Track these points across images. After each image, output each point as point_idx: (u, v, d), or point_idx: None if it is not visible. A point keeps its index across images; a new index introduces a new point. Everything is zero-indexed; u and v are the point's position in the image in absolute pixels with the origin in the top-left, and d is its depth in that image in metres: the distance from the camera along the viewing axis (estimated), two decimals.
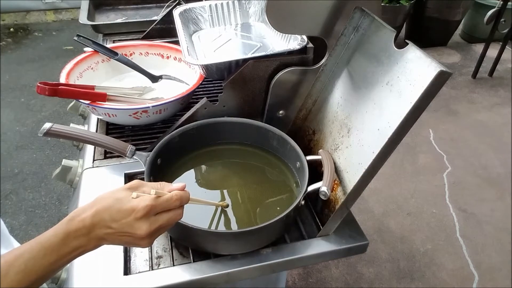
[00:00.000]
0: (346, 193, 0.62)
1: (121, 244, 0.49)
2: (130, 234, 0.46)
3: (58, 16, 3.91)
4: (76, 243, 0.45)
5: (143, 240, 0.47)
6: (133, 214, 0.46)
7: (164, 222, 0.48)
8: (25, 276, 0.43)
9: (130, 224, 0.46)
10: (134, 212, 0.46)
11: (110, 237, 0.46)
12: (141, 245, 0.48)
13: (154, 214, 0.47)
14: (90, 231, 0.46)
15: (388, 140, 0.55)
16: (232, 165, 0.79)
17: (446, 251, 1.69)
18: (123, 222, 0.46)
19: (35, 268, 0.43)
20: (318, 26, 0.71)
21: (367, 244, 0.67)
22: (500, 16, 2.70)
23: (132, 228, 0.46)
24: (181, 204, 0.50)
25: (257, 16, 1.09)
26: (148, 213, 0.46)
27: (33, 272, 0.43)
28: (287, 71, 0.78)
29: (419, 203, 1.92)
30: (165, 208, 0.48)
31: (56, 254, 0.44)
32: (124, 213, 0.46)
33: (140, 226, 0.46)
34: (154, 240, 0.49)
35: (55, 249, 0.44)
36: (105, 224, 0.46)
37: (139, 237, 0.46)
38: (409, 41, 0.57)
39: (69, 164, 0.82)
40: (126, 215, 0.46)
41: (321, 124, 0.75)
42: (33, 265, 0.43)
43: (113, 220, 0.46)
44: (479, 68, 2.98)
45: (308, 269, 1.61)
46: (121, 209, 0.46)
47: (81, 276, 0.59)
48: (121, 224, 0.46)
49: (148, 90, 0.98)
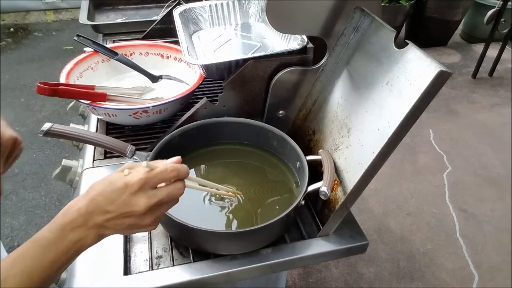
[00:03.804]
0: (346, 193, 0.62)
1: (123, 230, 0.45)
2: (129, 213, 0.43)
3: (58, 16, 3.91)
4: (73, 236, 0.43)
5: (144, 217, 0.44)
6: (127, 190, 0.43)
7: (164, 196, 0.45)
8: (26, 278, 0.40)
9: (127, 202, 0.43)
10: (128, 187, 0.43)
11: (109, 223, 0.44)
12: (144, 226, 0.45)
13: (151, 188, 0.44)
14: (87, 220, 0.43)
15: (388, 140, 0.55)
16: (232, 165, 0.79)
17: (446, 251, 1.69)
18: (119, 202, 0.43)
19: (35, 269, 0.41)
20: (318, 26, 0.71)
21: (367, 244, 0.67)
22: (500, 16, 2.70)
23: (130, 206, 0.43)
24: (178, 177, 0.47)
25: (257, 16, 1.09)
26: (143, 186, 0.43)
27: (33, 274, 0.41)
28: (287, 71, 0.78)
29: (419, 203, 1.92)
30: (161, 180, 0.45)
31: (54, 251, 0.42)
32: (118, 191, 0.43)
33: (137, 201, 0.43)
34: (158, 219, 0.46)
35: (53, 245, 0.42)
36: (102, 209, 0.43)
37: (139, 214, 0.43)
38: (409, 41, 0.57)
39: (69, 164, 0.82)
40: (121, 193, 0.43)
41: (321, 124, 0.75)
42: (32, 266, 0.41)
43: (109, 202, 0.43)
44: (479, 68, 2.98)
45: (308, 269, 1.61)
46: (114, 189, 0.43)
47: (81, 276, 0.59)
48: (117, 205, 0.43)
49: (148, 90, 0.98)
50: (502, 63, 3.11)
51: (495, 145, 2.31)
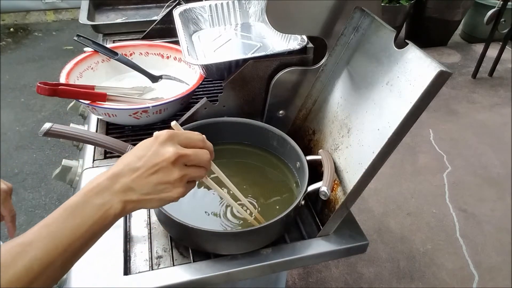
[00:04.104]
0: (346, 193, 0.62)
1: (150, 194, 0.43)
2: (157, 164, 0.42)
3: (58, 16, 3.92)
4: (97, 200, 0.41)
5: (172, 171, 0.43)
6: (156, 141, 0.43)
7: (191, 153, 0.45)
8: (51, 242, 0.38)
9: (155, 151, 0.43)
10: (157, 138, 0.44)
11: (136, 183, 0.42)
12: (172, 183, 0.44)
13: (179, 143, 0.44)
14: (113, 182, 0.42)
15: (388, 140, 0.55)
16: (232, 165, 0.79)
17: (446, 251, 1.69)
18: (148, 155, 0.43)
19: (59, 233, 0.39)
20: (318, 26, 0.71)
21: (367, 244, 0.67)
22: (500, 16, 2.70)
23: (158, 155, 0.43)
24: (204, 145, 0.47)
25: (257, 16, 1.09)
26: (171, 136, 0.44)
27: (58, 238, 0.39)
28: (287, 71, 0.78)
29: (419, 203, 1.92)
30: (188, 138, 0.46)
31: (79, 215, 0.40)
32: (147, 145, 0.44)
33: (166, 150, 0.43)
34: (185, 179, 0.45)
35: (76, 210, 0.40)
36: (130, 167, 0.43)
37: (167, 165, 0.43)
38: (409, 41, 0.57)
39: (69, 164, 0.82)
40: (150, 146, 0.43)
41: (321, 124, 0.75)
42: (56, 229, 0.39)
43: (138, 158, 0.43)
44: (479, 68, 2.98)
45: (308, 269, 1.61)
46: (143, 145, 0.44)
47: (81, 276, 0.59)
48: (146, 159, 0.43)
49: (148, 90, 0.98)
50: (502, 63, 3.11)
51: (495, 145, 2.31)
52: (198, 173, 0.47)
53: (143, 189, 0.43)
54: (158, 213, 0.64)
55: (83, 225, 0.40)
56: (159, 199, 0.44)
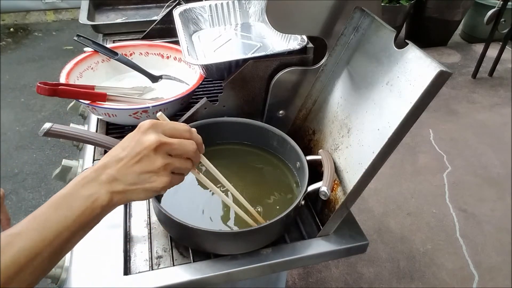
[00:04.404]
0: (346, 193, 0.62)
1: (135, 184, 0.44)
2: (140, 153, 0.43)
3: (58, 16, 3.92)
4: (84, 191, 0.42)
5: (155, 159, 0.43)
6: (139, 130, 0.44)
7: (175, 143, 0.44)
8: (38, 233, 0.39)
9: (137, 140, 0.43)
10: (140, 128, 0.44)
11: (121, 172, 0.43)
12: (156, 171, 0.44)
13: (162, 132, 0.44)
14: (99, 174, 0.42)
15: (388, 140, 0.55)
16: (232, 165, 0.79)
17: (446, 251, 1.69)
18: (131, 145, 0.43)
19: (47, 224, 0.40)
20: (318, 26, 0.71)
21: (367, 244, 0.67)
22: (500, 16, 2.70)
23: (140, 143, 0.43)
24: (190, 136, 0.47)
25: (257, 16, 1.09)
26: (154, 125, 0.44)
27: (45, 229, 0.39)
28: (287, 71, 0.78)
29: (419, 203, 1.92)
30: (173, 128, 0.45)
31: (66, 207, 0.41)
32: (132, 135, 0.44)
33: (147, 137, 0.43)
34: (169, 168, 0.44)
35: (65, 201, 0.41)
36: (116, 158, 0.43)
37: (149, 153, 0.43)
38: (409, 41, 0.57)
39: (69, 164, 0.82)
40: (133, 136, 0.44)
41: (321, 124, 0.75)
42: (44, 220, 0.40)
43: (122, 149, 0.43)
44: (479, 68, 2.98)
45: (308, 269, 1.61)
46: (128, 137, 0.45)
47: (81, 276, 0.59)
48: (130, 149, 0.43)
49: (148, 90, 0.98)
50: (502, 63, 3.11)
51: (495, 145, 2.31)
52: (184, 164, 0.46)
53: (128, 179, 0.43)
54: (158, 213, 0.64)
55: (70, 217, 0.41)
56: (144, 189, 0.44)
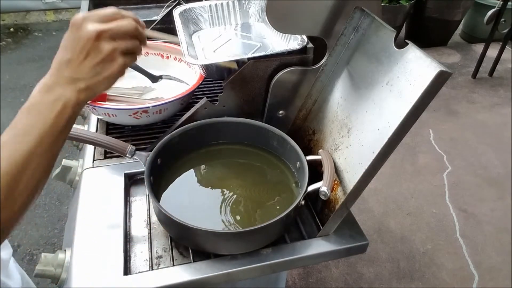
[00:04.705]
0: (346, 193, 0.62)
1: (95, 76, 0.45)
2: (83, 48, 0.43)
3: (58, 16, 3.91)
4: (51, 97, 0.43)
5: (100, 47, 0.43)
6: (72, 28, 0.44)
7: (113, 26, 0.44)
8: (22, 139, 0.41)
9: (76, 37, 0.43)
10: (73, 25, 0.44)
11: (77, 71, 0.43)
12: (107, 59, 0.44)
13: (95, 22, 0.44)
14: (57, 78, 0.43)
15: (388, 140, 0.55)
16: (232, 165, 0.79)
17: (446, 251, 1.69)
18: (74, 43, 0.43)
19: (28, 130, 0.41)
20: (318, 26, 0.71)
21: (367, 244, 0.67)
22: (500, 16, 2.70)
23: (79, 39, 0.43)
24: (123, 16, 0.47)
25: (257, 16, 1.09)
26: (85, 18, 0.44)
27: (27, 136, 0.41)
28: (287, 71, 0.78)
29: (419, 203, 1.92)
30: (104, 14, 0.45)
31: (37, 113, 0.42)
32: (68, 36, 0.44)
33: (84, 29, 0.43)
34: (117, 50, 0.45)
35: (34, 109, 0.42)
36: (64, 61, 0.44)
37: (93, 43, 0.43)
38: (409, 41, 0.57)
39: (69, 164, 0.82)
40: (70, 35, 0.44)
41: (321, 124, 0.75)
42: (23, 128, 0.41)
43: (66, 49, 0.44)
44: (479, 68, 2.98)
45: (308, 269, 1.61)
46: (66, 37, 0.45)
47: (81, 276, 0.59)
48: (73, 47, 0.43)
49: (148, 90, 0.98)
50: (502, 63, 3.11)
51: (495, 145, 2.31)
52: (131, 43, 0.47)
53: (86, 74, 0.44)
54: (158, 213, 0.64)
55: (45, 122, 0.42)
56: (105, 78, 0.45)
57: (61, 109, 0.43)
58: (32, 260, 1.59)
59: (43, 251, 1.61)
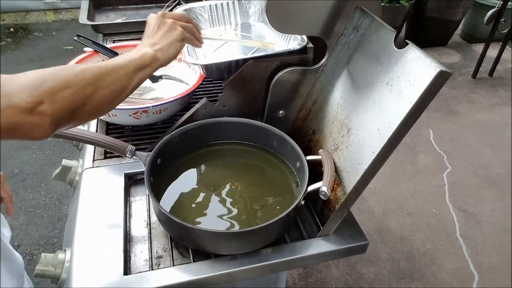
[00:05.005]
0: (346, 193, 0.62)
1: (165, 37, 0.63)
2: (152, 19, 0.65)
3: (58, 16, 3.91)
4: (136, 52, 0.58)
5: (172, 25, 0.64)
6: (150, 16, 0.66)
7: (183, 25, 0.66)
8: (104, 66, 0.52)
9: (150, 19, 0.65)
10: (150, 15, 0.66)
11: (156, 38, 0.62)
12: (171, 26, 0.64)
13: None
14: (143, 43, 0.61)
15: (388, 140, 0.55)
16: (232, 165, 0.79)
17: (446, 251, 1.69)
18: (148, 22, 0.65)
19: (110, 63, 0.54)
20: (318, 26, 0.71)
21: (367, 244, 0.67)
22: (500, 16, 2.70)
23: (151, 17, 0.65)
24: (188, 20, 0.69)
25: (257, 16, 1.09)
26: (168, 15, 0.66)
27: (110, 64, 0.53)
28: (287, 71, 0.78)
29: (419, 203, 1.92)
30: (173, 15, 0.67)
31: (122, 57, 0.56)
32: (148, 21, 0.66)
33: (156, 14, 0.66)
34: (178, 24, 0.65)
35: (120, 56, 0.57)
36: (145, 34, 0.64)
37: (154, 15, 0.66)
38: (409, 41, 0.57)
39: (69, 164, 0.82)
40: (149, 19, 0.66)
41: (321, 124, 0.75)
42: (106, 63, 0.53)
43: (146, 27, 0.65)
44: (479, 68, 2.98)
45: (308, 269, 1.61)
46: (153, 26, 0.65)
47: (81, 276, 0.59)
48: (148, 24, 0.65)
49: (148, 90, 0.98)
50: (502, 63, 3.11)
51: (495, 145, 2.31)
52: (185, 24, 0.67)
53: (158, 39, 0.62)
54: (158, 213, 0.64)
55: (127, 60, 0.56)
56: (171, 42, 0.63)
57: (141, 56, 0.58)
58: (32, 260, 1.59)
59: (43, 251, 1.61)
